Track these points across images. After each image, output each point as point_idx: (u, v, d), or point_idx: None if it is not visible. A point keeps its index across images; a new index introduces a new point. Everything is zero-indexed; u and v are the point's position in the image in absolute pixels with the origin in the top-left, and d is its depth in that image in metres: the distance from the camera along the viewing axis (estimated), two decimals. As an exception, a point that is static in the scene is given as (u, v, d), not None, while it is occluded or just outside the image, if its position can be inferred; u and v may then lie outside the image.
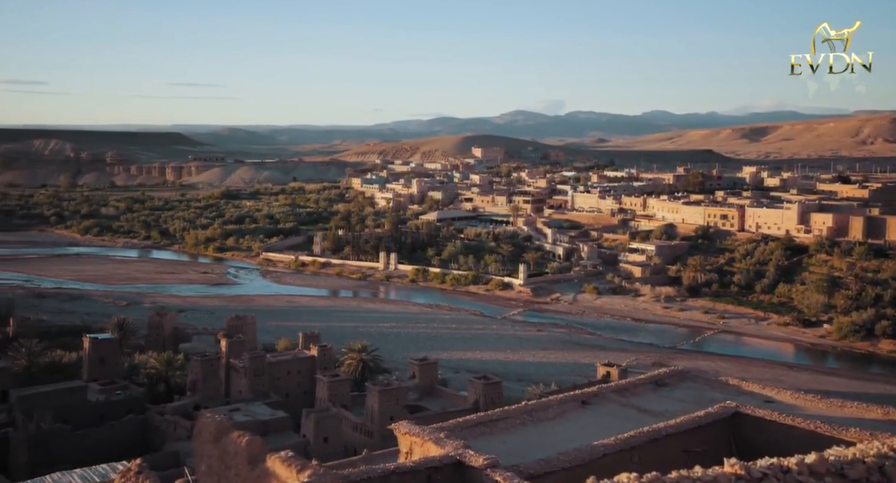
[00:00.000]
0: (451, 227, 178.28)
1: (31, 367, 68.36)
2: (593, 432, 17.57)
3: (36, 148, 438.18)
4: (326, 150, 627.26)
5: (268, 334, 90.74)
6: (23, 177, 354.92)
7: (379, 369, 74.29)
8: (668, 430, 16.83)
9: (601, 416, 19.99)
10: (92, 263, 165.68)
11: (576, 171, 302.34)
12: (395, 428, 19.24)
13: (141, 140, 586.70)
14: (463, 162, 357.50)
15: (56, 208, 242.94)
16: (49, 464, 44.29)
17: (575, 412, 20.33)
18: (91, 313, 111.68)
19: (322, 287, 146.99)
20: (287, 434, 50.56)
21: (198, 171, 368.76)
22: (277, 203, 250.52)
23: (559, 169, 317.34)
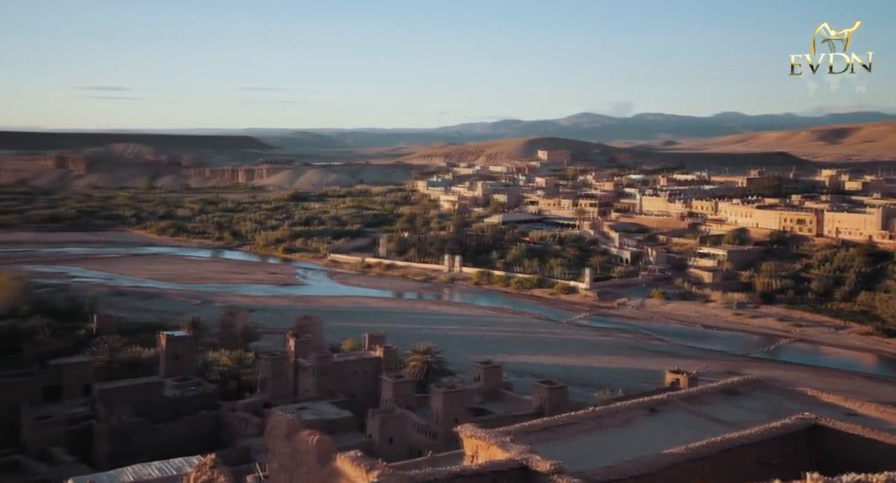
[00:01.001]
0: (515, 230, 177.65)
1: (112, 362, 71.13)
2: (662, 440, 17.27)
3: (117, 152, 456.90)
4: (392, 152, 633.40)
5: (334, 334, 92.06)
6: (105, 179, 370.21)
7: (443, 371, 74.57)
8: (741, 441, 16.41)
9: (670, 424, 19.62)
10: (167, 263, 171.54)
11: (643, 174, 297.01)
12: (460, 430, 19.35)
13: (214, 143, 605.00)
14: (528, 165, 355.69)
15: (135, 210, 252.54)
16: (128, 455, 46.14)
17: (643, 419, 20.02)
18: (166, 311, 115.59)
19: (387, 289, 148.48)
20: (352, 434, 51.26)
21: (268, 173, 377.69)
22: (344, 205, 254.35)
23: (626, 172, 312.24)
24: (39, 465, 44.72)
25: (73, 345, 79.68)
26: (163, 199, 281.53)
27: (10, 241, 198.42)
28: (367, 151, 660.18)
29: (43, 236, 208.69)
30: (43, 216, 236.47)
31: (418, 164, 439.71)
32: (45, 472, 42.94)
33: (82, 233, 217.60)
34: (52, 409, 54.72)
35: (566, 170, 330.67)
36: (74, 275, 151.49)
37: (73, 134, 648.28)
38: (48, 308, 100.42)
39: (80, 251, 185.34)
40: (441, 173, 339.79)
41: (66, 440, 49.70)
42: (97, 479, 25.00)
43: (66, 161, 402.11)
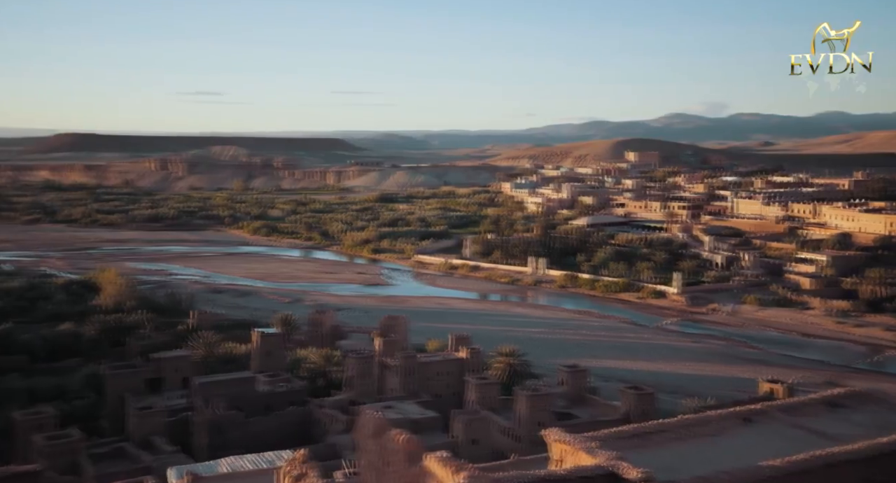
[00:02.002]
0: (602, 232, 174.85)
1: (209, 356, 74.15)
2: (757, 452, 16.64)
3: (215, 154, 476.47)
4: (478, 154, 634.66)
5: (419, 335, 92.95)
6: (203, 180, 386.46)
7: (527, 374, 74.19)
8: (846, 456, 15.59)
9: (766, 435, 18.87)
10: (260, 262, 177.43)
11: (738, 176, 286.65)
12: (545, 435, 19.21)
13: (306, 146, 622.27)
14: (615, 166, 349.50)
15: (230, 210, 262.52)
16: (222, 447, 48.02)
17: (736, 429, 19.34)
18: (259, 309, 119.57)
19: (471, 290, 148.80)
20: (436, 434, 51.61)
21: (356, 175, 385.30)
22: (430, 206, 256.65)
23: (720, 174, 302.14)
24: (143, 453, 47.15)
25: (172, 339, 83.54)
26: (257, 200, 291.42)
27: (116, 239, 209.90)
28: (453, 153, 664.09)
29: (146, 235, 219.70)
30: (146, 216, 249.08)
31: (504, 165, 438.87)
32: (147, 459, 45.24)
33: (182, 232, 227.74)
34: (154, 400, 57.53)
35: (656, 172, 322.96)
36: (174, 272, 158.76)
37: (174, 137, 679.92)
38: (150, 304, 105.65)
39: (179, 249, 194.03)
40: (527, 175, 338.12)
41: (166, 430, 52.16)
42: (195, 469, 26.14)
43: (168, 163, 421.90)
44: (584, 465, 15.48)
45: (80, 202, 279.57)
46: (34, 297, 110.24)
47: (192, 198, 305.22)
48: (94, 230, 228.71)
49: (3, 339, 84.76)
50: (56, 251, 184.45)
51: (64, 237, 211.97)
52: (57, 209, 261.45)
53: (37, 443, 44.75)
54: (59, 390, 67.90)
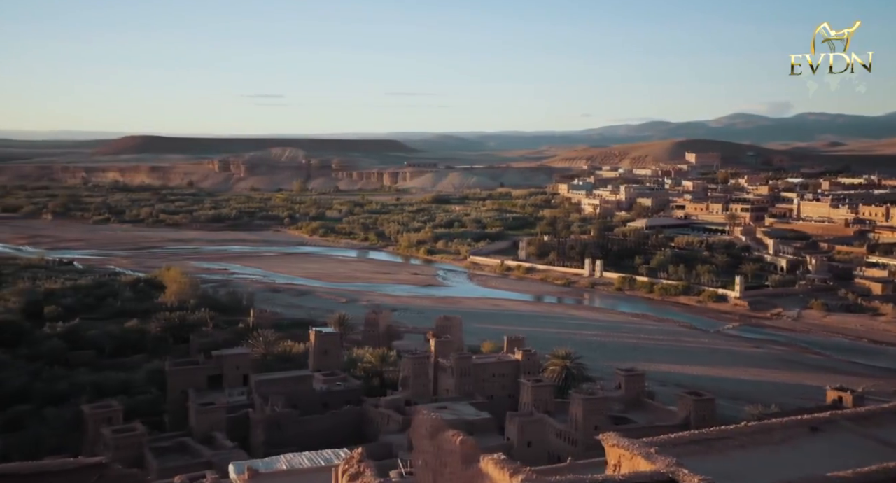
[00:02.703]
0: (660, 234, 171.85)
1: (267, 355, 75.54)
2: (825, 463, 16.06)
3: (274, 155, 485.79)
4: (534, 155, 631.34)
5: (473, 336, 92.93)
6: (263, 182, 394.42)
7: (582, 377, 73.40)
8: (920, 470, 14.91)
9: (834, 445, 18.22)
10: (317, 262, 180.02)
11: (803, 177, 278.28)
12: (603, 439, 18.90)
13: (362, 147, 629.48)
14: (675, 168, 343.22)
15: (289, 210, 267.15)
16: (279, 444, 48.90)
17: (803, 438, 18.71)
18: (316, 308, 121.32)
19: (526, 292, 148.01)
20: (491, 436, 51.46)
21: (412, 176, 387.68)
22: (485, 208, 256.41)
23: (783, 175, 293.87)
24: (204, 448, 48.31)
25: (233, 337, 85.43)
26: (314, 201, 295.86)
27: (179, 239, 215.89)
28: (508, 154, 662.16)
29: (208, 235, 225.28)
30: (208, 216, 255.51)
31: (560, 167, 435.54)
32: (208, 454, 46.33)
33: (242, 232, 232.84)
34: (215, 396, 58.83)
35: (716, 173, 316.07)
36: (235, 271, 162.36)
37: (236, 139, 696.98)
38: (212, 302, 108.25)
39: (240, 249, 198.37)
40: (583, 176, 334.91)
41: (226, 426, 53.33)
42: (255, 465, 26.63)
43: (230, 164, 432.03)
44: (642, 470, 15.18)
45: (146, 202, 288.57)
46: (102, 294, 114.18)
47: (253, 198, 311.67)
48: (158, 230, 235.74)
49: (73, 334, 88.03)
50: (123, 250, 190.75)
51: (131, 236, 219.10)
52: (124, 209, 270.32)
53: (105, 435, 46.32)
54: (125, 385, 70.10)
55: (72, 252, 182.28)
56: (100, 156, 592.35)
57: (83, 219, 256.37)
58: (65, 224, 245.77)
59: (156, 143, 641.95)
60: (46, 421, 60.40)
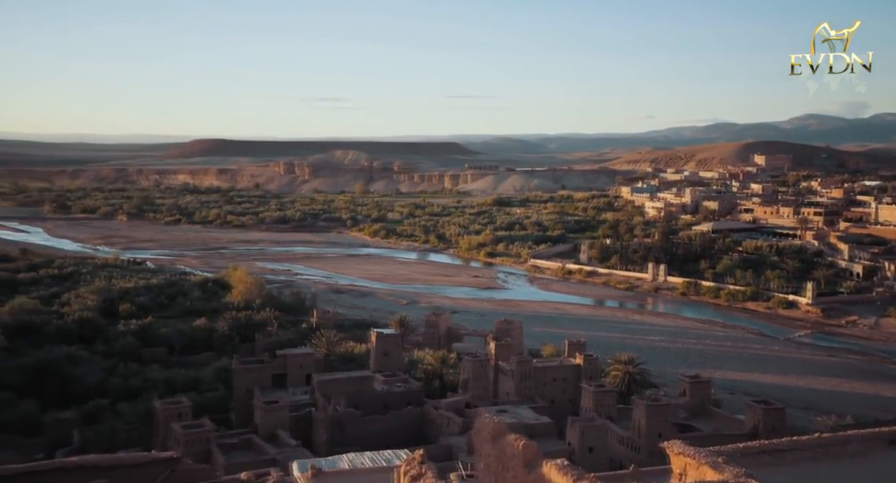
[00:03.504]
0: (727, 238, 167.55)
1: (330, 355, 76.65)
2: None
3: (337, 158, 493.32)
4: (596, 158, 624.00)
5: (534, 339, 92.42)
6: (326, 184, 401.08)
7: (646, 383, 72.15)
8: None
9: (915, 461, 17.42)
10: (379, 263, 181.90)
11: (880, 180, 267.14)
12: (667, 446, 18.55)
13: (423, 150, 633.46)
14: (743, 170, 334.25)
15: (351, 212, 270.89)
16: (341, 443, 49.58)
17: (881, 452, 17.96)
18: (377, 309, 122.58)
19: (588, 296, 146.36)
20: (551, 440, 51.04)
21: (472, 178, 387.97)
22: (546, 211, 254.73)
23: (859, 178, 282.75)
24: (268, 446, 49.37)
25: (296, 337, 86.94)
26: (376, 203, 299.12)
27: (246, 240, 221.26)
28: (570, 157, 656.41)
29: (273, 236, 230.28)
30: (273, 218, 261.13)
31: (623, 169, 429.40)
32: (273, 452, 47.31)
33: (306, 233, 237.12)
34: (279, 395, 60.04)
35: (787, 175, 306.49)
36: (299, 272, 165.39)
37: (300, 142, 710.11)
38: (277, 302, 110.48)
39: (304, 250, 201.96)
40: (647, 179, 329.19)
41: (290, 425, 54.35)
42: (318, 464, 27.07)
43: (294, 167, 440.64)
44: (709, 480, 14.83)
45: (214, 204, 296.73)
46: (173, 293, 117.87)
47: (316, 200, 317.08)
48: (226, 231, 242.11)
49: (146, 332, 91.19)
50: (192, 250, 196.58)
51: (200, 237, 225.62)
52: (194, 211, 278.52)
53: (175, 431, 47.81)
54: (194, 382, 72.17)
55: (144, 252, 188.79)
56: (171, 159, 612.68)
57: (155, 220, 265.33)
58: (138, 225, 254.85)
59: (224, 147, 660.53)
60: (121, 415, 62.74)
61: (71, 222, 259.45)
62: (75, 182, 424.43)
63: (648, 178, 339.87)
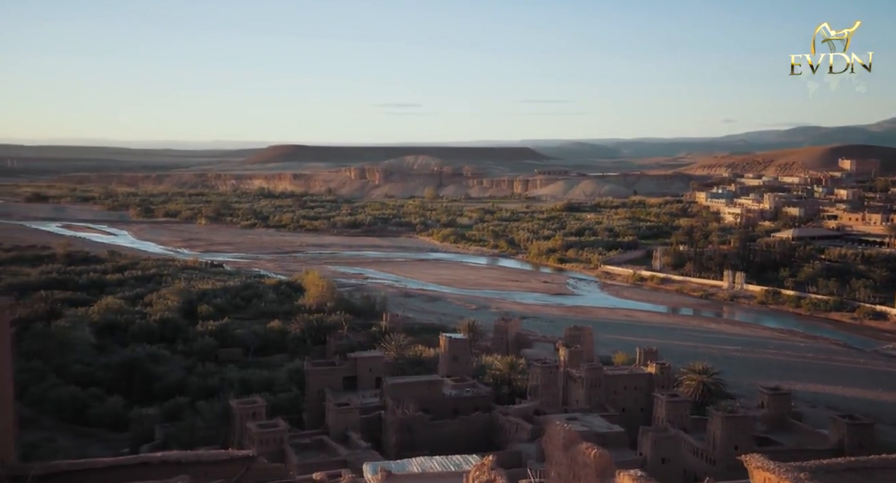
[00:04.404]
0: (809, 246, 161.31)
1: (399, 358, 77.37)
2: None
3: (408, 163, 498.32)
4: (670, 163, 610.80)
5: (604, 347, 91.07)
6: (397, 189, 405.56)
7: (721, 394, 70.09)
8: None
9: None
10: (448, 268, 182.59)
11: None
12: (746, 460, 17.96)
13: (494, 155, 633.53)
14: (827, 175, 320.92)
15: (421, 217, 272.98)
16: (410, 447, 49.87)
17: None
18: (446, 314, 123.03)
19: (660, 303, 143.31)
20: (623, 450, 50.10)
21: (543, 184, 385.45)
22: (618, 216, 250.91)
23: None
24: (340, 447, 50.15)
25: (367, 340, 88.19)
26: (446, 208, 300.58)
27: (319, 243, 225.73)
28: (643, 162, 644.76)
29: (345, 240, 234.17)
30: (345, 222, 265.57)
31: (699, 174, 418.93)
32: (344, 453, 48.05)
33: (377, 238, 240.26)
34: (350, 397, 60.91)
35: (875, 180, 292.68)
36: (369, 276, 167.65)
37: (372, 147, 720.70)
38: (348, 305, 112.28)
39: (374, 254, 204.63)
40: (724, 184, 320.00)
41: (360, 426, 55.06)
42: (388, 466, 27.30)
43: (366, 172, 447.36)
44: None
45: (288, 209, 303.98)
46: (248, 295, 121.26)
47: (387, 205, 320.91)
48: (300, 235, 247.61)
49: (223, 333, 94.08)
50: (267, 254, 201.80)
51: (274, 241, 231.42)
52: (269, 215, 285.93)
53: (250, 429, 49.08)
54: (268, 383, 74.02)
55: (222, 255, 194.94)
56: (248, 164, 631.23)
57: (232, 223, 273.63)
58: (216, 228, 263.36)
59: (299, 152, 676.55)
60: (200, 413, 64.86)
61: (154, 225, 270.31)
62: (159, 187, 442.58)
63: (725, 183, 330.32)
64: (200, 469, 14.47)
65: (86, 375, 75.64)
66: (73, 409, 68.90)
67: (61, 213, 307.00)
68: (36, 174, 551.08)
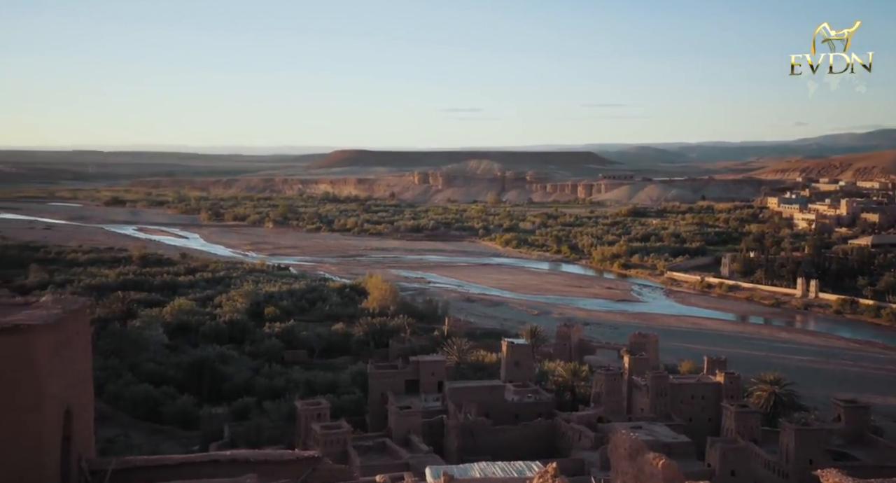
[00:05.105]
0: (889, 254, 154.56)
1: (461, 363, 77.46)
2: None
3: (470, 168, 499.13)
4: (740, 167, 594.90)
5: (670, 354, 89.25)
6: (459, 193, 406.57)
7: (794, 406, 67.69)
8: None
9: None
10: (510, 273, 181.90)
11: None
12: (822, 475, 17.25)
13: (557, 159, 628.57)
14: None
15: (484, 222, 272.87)
16: (472, 451, 49.83)
17: None
18: (508, 319, 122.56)
19: (729, 311, 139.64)
20: (690, 461, 48.87)
21: (607, 188, 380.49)
22: (684, 222, 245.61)
23: None
24: (402, 450, 50.46)
25: (429, 344, 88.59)
26: (508, 213, 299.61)
27: (382, 247, 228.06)
28: (711, 166, 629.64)
29: (407, 244, 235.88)
30: (408, 226, 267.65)
31: (770, 179, 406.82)
32: (406, 456, 48.32)
33: (439, 242, 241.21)
34: (411, 400, 61.27)
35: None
36: (432, 280, 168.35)
37: (434, 152, 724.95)
38: (410, 309, 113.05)
39: (436, 259, 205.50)
40: (797, 189, 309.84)
41: (422, 430, 55.28)
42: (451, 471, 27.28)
43: (428, 177, 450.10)
44: (871, 516, 13.64)
45: (352, 213, 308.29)
46: (313, 298, 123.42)
47: (449, 210, 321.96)
48: (363, 238, 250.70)
49: (288, 334, 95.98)
50: (332, 257, 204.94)
51: (339, 244, 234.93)
52: (333, 219, 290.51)
53: (314, 430, 49.86)
54: (332, 384, 75.12)
55: (288, 258, 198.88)
56: (313, 169, 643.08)
57: (298, 227, 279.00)
58: (283, 232, 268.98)
59: (363, 157, 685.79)
60: (266, 413, 66.28)
61: (223, 229, 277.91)
62: (228, 191, 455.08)
63: (798, 188, 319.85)
64: (268, 468, 14.76)
65: (158, 374, 78.25)
66: (147, 406, 71.39)
67: (137, 217, 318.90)
68: (114, 179, 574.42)
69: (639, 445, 14.87)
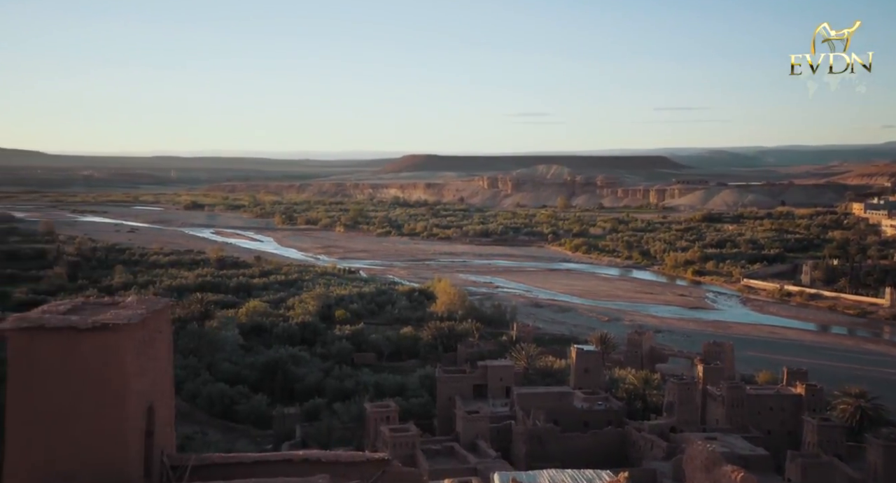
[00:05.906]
0: None
1: (529, 368, 76.92)
2: None
3: (539, 173, 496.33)
4: (821, 171, 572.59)
5: (746, 364, 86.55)
6: (528, 198, 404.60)
7: (882, 421, 64.65)
8: None
9: None
10: (579, 279, 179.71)
11: None
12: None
13: (627, 164, 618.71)
14: None
15: (552, 227, 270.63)
16: (540, 458, 49.28)
17: None
18: (577, 325, 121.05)
19: (809, 320, 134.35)
20: (768, 475, 47.17)
21: (680, 193, 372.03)
22: (762, 228, 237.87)
23: None
24: (469, 455, 50.38)
25: (496, 349, 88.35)
26: (578, 218, 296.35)
27: (450, 252, 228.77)
28: (790, 170, 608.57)
29: (475, 249, 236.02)
30: (476, 231, 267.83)
31: (855, 184, 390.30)
32: (473, 461, 48.21)
33: (507, 247, 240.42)
34: (479, 405, 61.11)
35: None
36: (499, 285, 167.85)
37: (503, 157, 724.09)
38: (478, 314, 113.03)
39: (504, 264, 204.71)
40: (885, 194, 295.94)
41: (490, 435, 55.08)
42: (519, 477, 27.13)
43: (497, 181, 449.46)
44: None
45: (421, 217, 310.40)
46: (382, 301, 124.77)
47: (518, 215, 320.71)
48: (432, 243, 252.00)
49: (358, 337, 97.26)
50: (401, 261, 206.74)
51: (408, 248, 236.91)
52: (403, 223, 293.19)
53: (383, 433, 50.31)
54: (401, 388, 75.65)
55: (358, 262, 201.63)
56: (384, 174, 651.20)
57: (368, 231, 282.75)
58: (353, 236, 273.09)
59: (432, 162, 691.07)
60: (336, 414, 67.30)
61: (296, 232, 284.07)
62: (301, 195, 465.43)
63: (886, 193, 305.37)
64: (339, 469, 14.93)
65: (233, 374, 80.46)
66: (223, 405, 73.43)
67: (214, 220, 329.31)
68: (193, 183, 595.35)
69: (715, 457, 14.46)
